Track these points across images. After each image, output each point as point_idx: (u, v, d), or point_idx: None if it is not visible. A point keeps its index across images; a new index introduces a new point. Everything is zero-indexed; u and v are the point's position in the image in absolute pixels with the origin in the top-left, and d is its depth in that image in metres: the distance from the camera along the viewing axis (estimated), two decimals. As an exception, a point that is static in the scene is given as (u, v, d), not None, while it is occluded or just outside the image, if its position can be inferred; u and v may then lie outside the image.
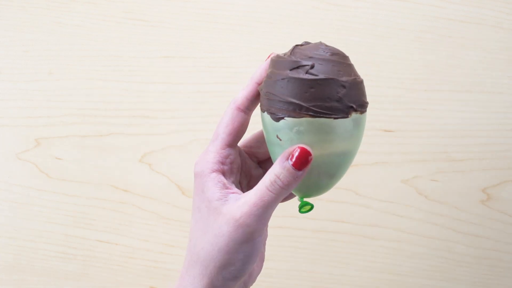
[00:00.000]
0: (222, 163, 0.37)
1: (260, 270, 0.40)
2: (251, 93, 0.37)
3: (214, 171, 0.36)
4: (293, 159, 0.34)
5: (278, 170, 0.34)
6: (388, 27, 0.62)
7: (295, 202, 0.60)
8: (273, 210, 0.35)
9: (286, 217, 0.59)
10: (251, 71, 0.61)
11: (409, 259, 0.59)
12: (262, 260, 0.40)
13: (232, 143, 0.37)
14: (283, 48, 0.62)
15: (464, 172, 0.59)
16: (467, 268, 0.58)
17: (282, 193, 0.35)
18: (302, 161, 0.34)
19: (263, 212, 0.34)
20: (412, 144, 0.60)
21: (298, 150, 0.34)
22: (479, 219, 0.59)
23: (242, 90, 0.38)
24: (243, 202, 0.35)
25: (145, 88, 0.62)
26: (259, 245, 0.35)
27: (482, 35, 0.61)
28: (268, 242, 0.59)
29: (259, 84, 0.37)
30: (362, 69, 0.61)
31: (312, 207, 0.38)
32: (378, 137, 0.60)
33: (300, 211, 0.38)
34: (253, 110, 0.38)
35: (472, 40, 0.61)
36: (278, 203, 0.35)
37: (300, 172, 0.34)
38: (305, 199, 0.38)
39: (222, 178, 0.36)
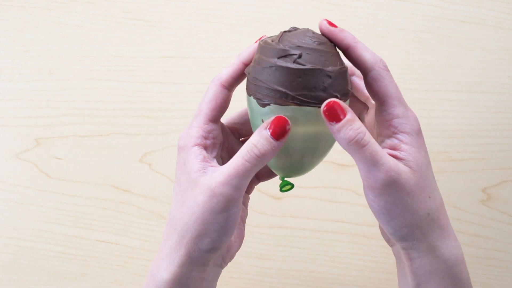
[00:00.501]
0: (205, 138, 0.37)
1: (239, 247, 0.40)
2: (236, 72, 0.38)
3: (196, 145, 0.37)
4: (271, 128, 0.34)
5: (255, 139, 0.35)
6: (388, 27, 0.62)
7: (295, 202, 0.60)
8: (248, 181, 0.35)
9: (286, 217, 0.59)
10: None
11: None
12: (241, 237, 0.40)
13: (215, 118, 0.38)
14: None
15: (464, 172, 0.59)
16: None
17: (257, 163, 0.34)
18: (281, 130, 0.34)
19: (238, 182, 0.34)
20: (412, 144, 0.60)
21: (275, 119, 0.34)
22: (479, 219, 0.59)
23: (228, 67, 0.38)
24: (219, 173, 0.35)
25: (145, 88, 0.62)
26: (235, 217, 0.35)
27: (482, 35, 0.61)
28: (268, 242, 0.59)
29: (245, 64, 0.38)
30: (362, 69, 0.61)
31: (292, 186, 0.39)
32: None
33: (281, 190, 0.39)
34: (235, 87, 0.39)
35: (472, 40, 0.61)
36: (253, 174, 0.35)
37: (278, 143, 0.34)
38: (286, 179, 0.39)
39: (204, 152, 0.37)
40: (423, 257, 0.36)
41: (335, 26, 0.37)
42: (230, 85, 0.38)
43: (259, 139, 0.35)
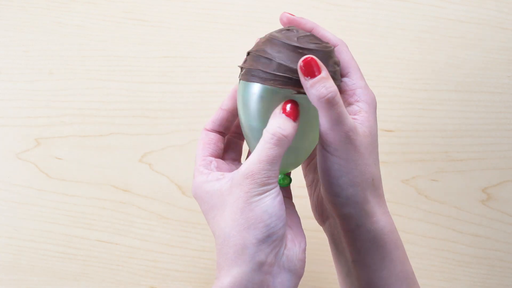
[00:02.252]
0: (208, 168, 0.39)
1: (301, 247, 0.38)
2: (216, 117, 0.42)
3: (202, 178, 0.38)
4: (287, 111, 0.36)
5: (276, 122, 0.36)
6: (388, 27, 0.62)
7: (295, 202, 0.60)
8: (279, 164, 0.36)
9: (286, 217, 0.59)
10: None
11: (409, 259, 0.59)
12: (301, 237, 0.39)
13: (208, 154, 0.40)
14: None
15: (464, 172, 0.59)
16: (467, 268, 0.58)
17: (284, 145, 0.35)
18: (295, 111, 0.36)
19: (271, 165, 0.35)
20: (412, 144, 0.60)
21: (289, 103, 0.36)
22: (479, 219, 0.59)
23: (213, 116, 0.42)
24: (249, 164, 0.35)
25: (145, 88, 0.62)
26: (277, 198, 0.35)
27: (482, 35, 0.61)
28: (268, 242, 0.59)
29: (224, 109, 0.42)
30: (362, 69, 0.61)
31: (290, 180, 0.42)
32: (378, 137, 0.60)
33: (280, 183, 0.41)
34: (219, 131, 0.42)
35: (472, 40, 0.61)
36: (282, 155, 0.36)
37: (295, 123, 0.36)
38: (280, 176, 0.41)
39: (211, 176, 0.38)
40: (362, 225, 0.38)
41: (293, 15, 0.41)
42: (211, 128, 0.42)
43: (281, 121, 0.36)
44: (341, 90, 0.40)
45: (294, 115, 0.36)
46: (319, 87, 0.35)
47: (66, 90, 0.62)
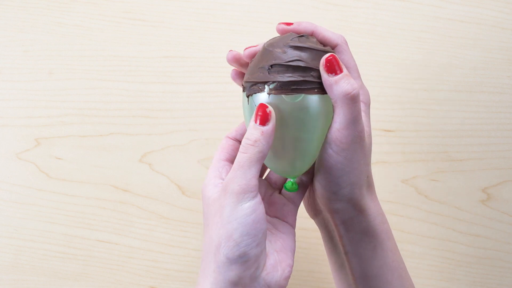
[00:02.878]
0: (219, 171, 0.39)
1: (284, 275, 0.37)
2: (240, 127, 0.43)
3: (211, 178, 0.39)
4: (256, 117, 0.36)
5: (247, 133, 0.36)
6: (388, 27, 0.62)
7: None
8: (255, 171, 0.36)
9: (286, 217, 0.59)
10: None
11: (409, 259, 0.59)
12: (287, 265, 0.38)
13: (224, 158, 0.41)
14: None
15: (464, 172, 0.59)
16: (467, 268, 0.58)
17: (253, 150, 0.36)
18: (262, 114, 0.36)
19: (242, 173, 0.35)
20: (412, 144, 0.60)
21: (257, 107, 0.37)
22: (479, 219, 0.59)
23: (236, 128, 0.43)
24: (233, 169, 0.36)
25: (145, 88, 0.62)
26: (252, 215, 0.35)
27: (482, 35, 0.61)
28: (268, 242, 0.59)
29: (242, 133, 0.43)
30: (362, 69, 0.61)
31: (296, 187, 0.41)
32: (378, 137, 0.60)
33: (286, 188, 0.41)
34: (239, 139, 0.42)
35: (472, 40, 0.61)
36: (256, 164, 0.36)
37: (265, 127, 0.36)
38: (292, 180, 0.41)
39: (219, 180, 0.39)
40: (354, 217, 0.39)
41: (291, 23, 0.40)
42: (233, 136, 0.42)
43: (249, 130, 0.36)
44: None
45: (261, 119, 0.36)
46: (343, 83, 0.36)
47: (66, 90, 0.62)
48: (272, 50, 0.38)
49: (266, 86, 0.37)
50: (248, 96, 0.38)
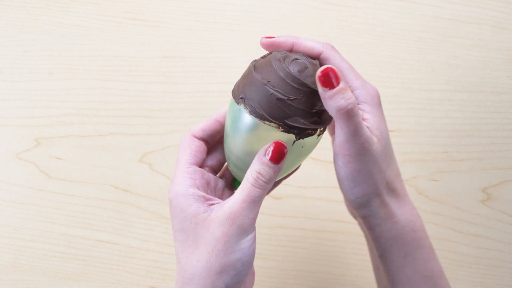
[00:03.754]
0: (193, 179, 0.38)
1: (252, 285, 0.40)
2: (207, 126, 0.40)
3: (188, 188, 0.37)
4: (270, 154, 0.36)
5: (258, 167, 0.36)
6: (388, 27, 0.62)
7: (295, 202, 0.60)
8: (261, 204, 0.36)
9: (286, 217, 0.59)
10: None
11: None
12: (253, 275, 0.41)
13: (193, 162, 0.39)
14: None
15: (464, 172, 0.59)
16: (467, 268, 0.58)
17: (266, 187, 0.36)
18: (279, 155, 0.36)
19: (253, 207, 0.35)
20: (412, 144, 0.60)
21: (273, 145, 0.36)
22: (479, 219, 0.59)
23: (203, 122, 0.41)
24: (232, 203, 0.36)
25: (145, 88, 0.62)
26: (254, 243, 0.36)
27: (482, 35, 0.61)
28: (268, 242, 0.59)
29: (218, 120, 0.41)
30: (362, 69, 0.61)
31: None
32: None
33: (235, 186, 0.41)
34: (205, 139, 0.41)
35: (472, 40, 0.61)
36: (264, 196, 0.36)
37: (278, 165, 0.36)
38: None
39: (198, 191, 0.37)
40: (382, 224, 0.37)
41: (272, 37, 0.39)
42: (200, 136, 0.40)
43: (261, 167, 0.36)
44: None
45: (277, 159, 0.36)
46: (338, 98, 0.34)
47: (66, 90, 0.62)
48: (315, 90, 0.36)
49: (318, 130, 0.37)
50: (297, 140, 0.37)
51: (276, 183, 0.43)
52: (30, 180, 0.61)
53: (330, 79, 0.34)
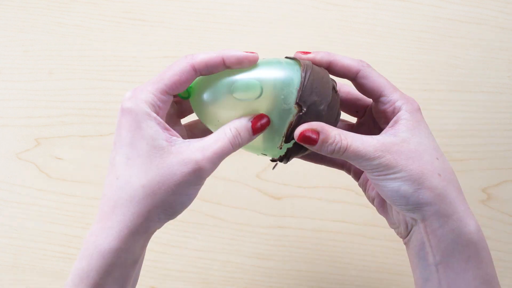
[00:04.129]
0: (158, 107, 0.36)
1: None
2: (212, 62, 0.37)
3: (153, 111, 0.36)
4: (254, 124, 0.37)
5: (239, 126, 0.36)
6: (388, 27, 0.62)
7: (295, 202, 0.60)
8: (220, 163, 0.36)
9: (286, 217, 0.59)
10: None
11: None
12: None
13: (171, 93, 0.37)
14: (284, 48, 0.62)
15: (464, 172, 0.59)
16: (467, 268, 0.58)
17: (237, 148, 0.36)
18: (262, 129, 0.37)
19: (219, 160, 0.35)
20: (412, 144, 0.60)
21: (263, 118, 0.37)
22: (479, 219, 0.59)
23: (205, 53, 0.37)
24: (203, 147, 0.35)
25: (145, 88, 0.62)
26: (196, 194, 0.36)
27: (482, 35, 0.61)
28: (268, 242, 0.59)
29: (224, 62, 0.37)
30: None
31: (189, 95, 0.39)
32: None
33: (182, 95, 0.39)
34: (201, 75, 0.38)
35: (472, 40, 0.61)
36: (226, 155, 0.36)
37: (254, 136, 0.37)
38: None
39: (161, 120, 0.36)
40: (444, 224, 0.36)
41: (308, 52, 0.39)
42: (200, 71, 0.37)
43: (243, 129, 0.36)
44: (382, 109, 0.39)
45: (257, 131, 0.37)
46: (325, 148, 0.36)
47: (66, 90, 0.62)
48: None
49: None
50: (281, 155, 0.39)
51: None
52: (30, 180, 0.61)
53: (309, 138, 0.36)
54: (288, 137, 0.37)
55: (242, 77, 0.37)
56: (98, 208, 0.36)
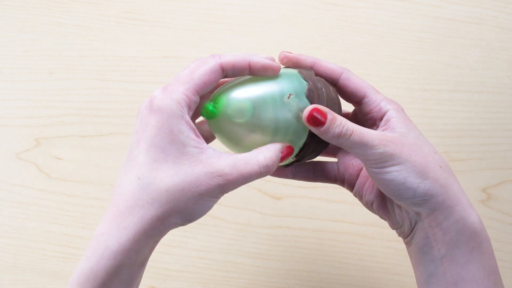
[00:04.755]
0: (189, 109, 0.35)
1: None
2: (239, 64, 0.37)
3: (185, 114, 0.35)
4: (283, 154, 0.37)
5: (273, 156, 0.36)
6: (388, 27, 0.62)
7: (295, 202, 0.60)
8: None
9: (286, 217, 0.59)
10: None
11: (409, 259, 0.59)
12: None
13: (201, 93, 0.36)
14: (284, 48, 0.62)
15: (464, 172, 0.59)
16: (467, 268, 0.58)
17: (260, 176, 0.36)
18: (287, 158, 0.37)
19: (244, 183, 0.35)
20: (412, 144, 0.60)
21: (290, 150, 0.37)
22: (479, 219, 0.59)
23: (233, 55, 0.37)
24: (233, 165, 0.34)
25: (145, 88, 0.62)
26: (214, 204, 0.36)
27: (482, 35, 0.61)
28: (268, 242, 0.59)
29: (250, 65, 0.37)
30: (362, 69, 0.61)
31: (214, 114, 0.37)
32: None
33: (205, 113, 0.37)
34: (225, 77, 0.37)
35: (472, 40, 0.61)
36: (250, 181, 0.36)
37: (276, 165, 0.36)
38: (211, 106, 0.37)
39: (193, 124, 0.35)
40: (450, 216, 0.36)
41: (291, 53, 0.40)
42: (227, 71, 0.36)
43: (274, 159, 0.36)
44: (367, 111, 0.40)
45: (283, 159, 0.37)
46: (332, 129, 0.36)
47: (66, 90, 0.62)
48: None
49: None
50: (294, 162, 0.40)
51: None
52: (30, 180, 0.61)
53: (318, 118, 0.36)
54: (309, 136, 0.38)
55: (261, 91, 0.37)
56: (110, 205, 0.35)
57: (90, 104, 0.62)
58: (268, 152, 0.36)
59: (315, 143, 0.38)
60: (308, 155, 0.39)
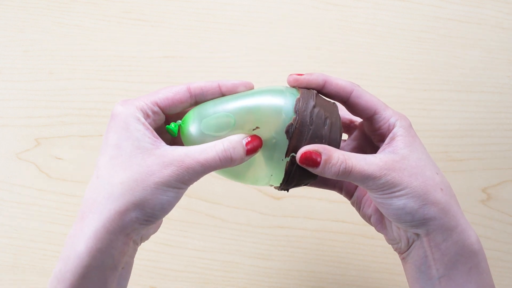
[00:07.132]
0: (147, 116, 0.37)
1: (155, 232, 0.41)
2: (207, 88, 0.38)
3: (141, 117, 0.36)
4: (249, 145, 0.36)
5: (234, 144, 0.36)
6: (388, 27, 0.62)
7: (295, 202, 0.60)
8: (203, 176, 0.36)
9: (286, 217, 0.59)
10: (251, 71, 0.61)
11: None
12: (159, 225, 0.41)
13: (162, 107, 0.37)
14: (284, 48, 0.62)
15: (464, 172, 0.59)
16: (467, 268, 0.58)
17: (225, 166, 0.36)
18: (255, 150, 0.37)
19: (202, 170, 0.35)
20: (412, 144, 0.60)
21: (257, 141, 0.37)
22: (479, 219, 0.59)
23: (203, 82, 0.38)
24: (186, 154, 0.35)
25: (145, 88, 0.62)
26: (178, 199, 0.36)
27: (482, 35, 0.61)
28: (268, 242, 0.59)
29: (222, 91, 0.38)
30: (362, 69, 0.61)
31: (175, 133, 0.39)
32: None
33: (171, 130, 0.38)
34: (192, 104, 0.39)
35: (472, 40, 0.61)
36: (212, 170, 0.36)
37: (246, 157, 0.36)
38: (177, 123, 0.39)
39: (151, 127, 0.36)
40: (448, 238, 0.37)
41: (301, 74, 0.39)
42: (196, 95, 0.38)
43: (237, 146, 0.36)
44: (376, 127, 0.39)
45: (251, 152, 0.36)
46: (329, 169, 0.36)
47: (66, 90, 0.62)
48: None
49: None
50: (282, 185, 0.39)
51: None
52: (30, 180, 0.61)
53: (312, 159, 0.36)
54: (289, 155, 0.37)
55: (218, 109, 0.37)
56: (79, 210, 0.36)
57: (90, 104, 0.62)
58: (227, 141, 0.36)
59: (298, 174, 0.38)
60: (294, 185, 0.39)
